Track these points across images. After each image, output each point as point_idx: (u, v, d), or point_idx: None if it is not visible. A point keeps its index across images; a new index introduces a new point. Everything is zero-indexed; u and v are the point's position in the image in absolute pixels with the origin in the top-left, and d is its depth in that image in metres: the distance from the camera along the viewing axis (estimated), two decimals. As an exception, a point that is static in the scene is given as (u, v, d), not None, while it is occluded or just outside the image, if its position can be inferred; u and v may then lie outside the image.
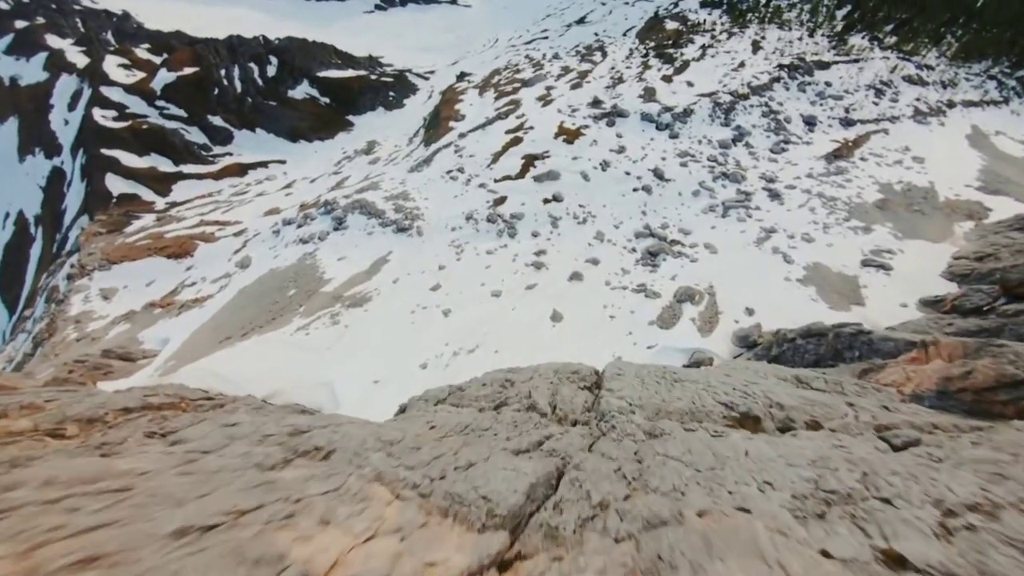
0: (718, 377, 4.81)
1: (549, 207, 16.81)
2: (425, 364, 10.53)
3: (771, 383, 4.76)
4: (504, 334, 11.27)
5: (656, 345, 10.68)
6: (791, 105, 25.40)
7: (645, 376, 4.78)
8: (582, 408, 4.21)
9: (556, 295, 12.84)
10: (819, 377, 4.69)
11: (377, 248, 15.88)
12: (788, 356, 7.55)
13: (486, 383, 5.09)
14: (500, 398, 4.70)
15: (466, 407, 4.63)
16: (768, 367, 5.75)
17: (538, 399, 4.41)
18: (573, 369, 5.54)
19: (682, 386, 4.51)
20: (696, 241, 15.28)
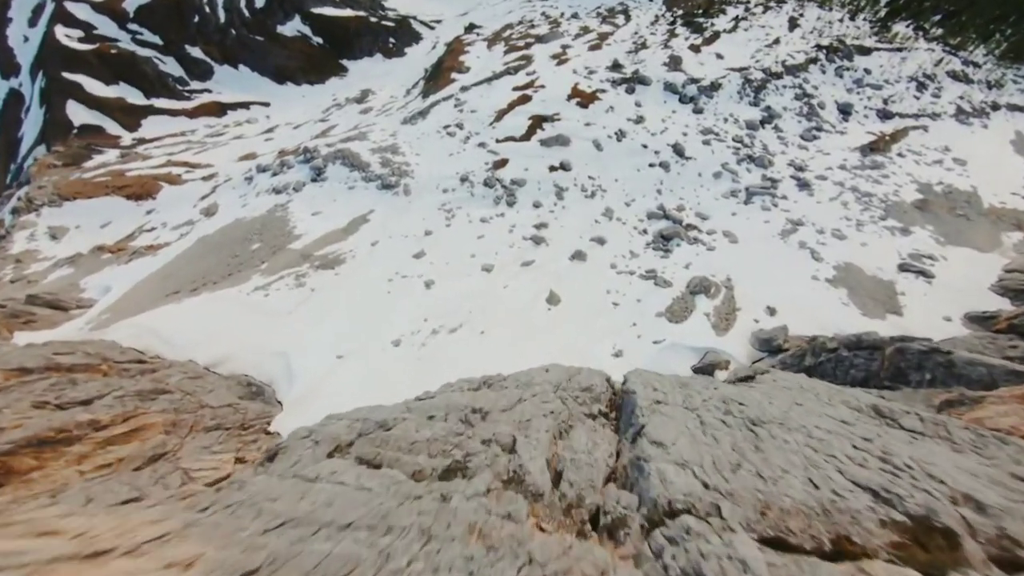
0: (808, 418, 3.43)
1: (555, 176, 15.29)
2: (398, 340, 9.27)
3: (841, 412, 3.57)
4: (493, 313, 10.03)
5: (664, 340, 9.53)
6: (826, 90, 23.71)
7: (700, 407, 3.38)
8: (605, 470, 2.80)
9: (555, 275, 11.56)
10: (909, 413, 3.50)
11: (357, 205, 14.33)
12: (828, 369, 6.42)
13: (438, 412, 3.65)
14: (458, 452, 2.94)
15: (387, 469, 2.80)
16: (821, 386, 4.57)
17: (528, 460, 2.73)
18: (583, 384, 4.25)
19: (770, 436, 2.97)
20: (714, 228, 13.99)
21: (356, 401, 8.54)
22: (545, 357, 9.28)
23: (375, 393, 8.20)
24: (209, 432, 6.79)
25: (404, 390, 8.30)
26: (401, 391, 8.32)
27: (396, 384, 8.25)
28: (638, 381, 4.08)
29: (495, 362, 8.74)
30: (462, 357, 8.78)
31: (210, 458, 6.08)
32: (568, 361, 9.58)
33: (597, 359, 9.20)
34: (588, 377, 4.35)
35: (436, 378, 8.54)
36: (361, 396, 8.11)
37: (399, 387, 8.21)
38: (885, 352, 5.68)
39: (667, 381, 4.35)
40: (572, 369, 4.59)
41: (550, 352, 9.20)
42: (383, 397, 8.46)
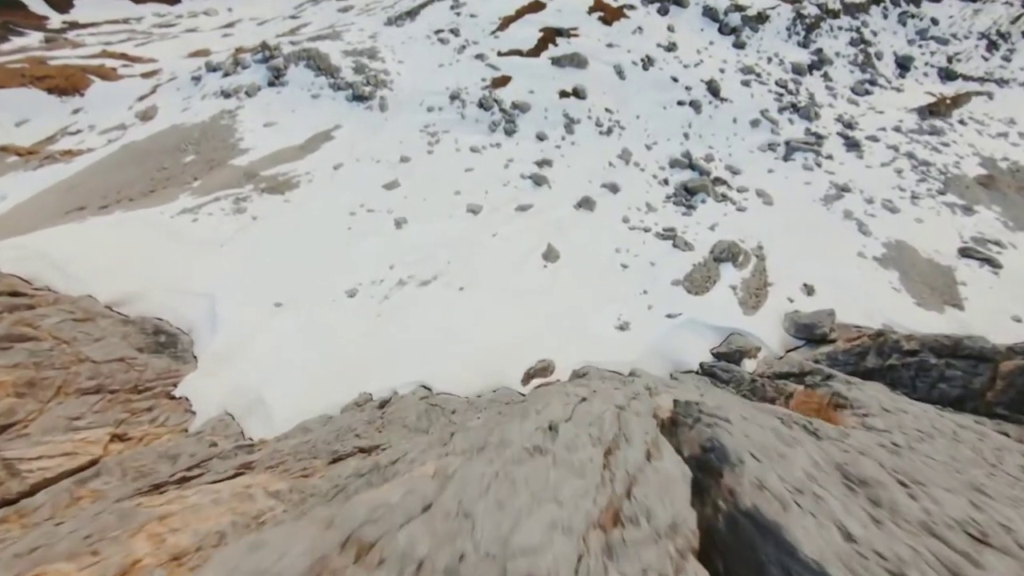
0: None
1: (566, 103, 12.97)
2: (355, 291, 7.58)
3: None
4: (476, 266, 8.34)
5: (680, 315, 8.05)
6: (885, 39, 20.93)
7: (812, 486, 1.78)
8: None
9: (555, 224, 9.77)
10: None
11: (321, 118, 11.96)
12: (903, 378, 5.03)
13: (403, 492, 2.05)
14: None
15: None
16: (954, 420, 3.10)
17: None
18: None
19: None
20: (747, 184, 12.16)
21: (293, 362, 7.00)
22: (534, 324, 7.79)
23: (318, 354, 6.66)
24: (84, 396, 5.24)
25: (354, 353, 6.78)
26: (350, 355, 6.79)
27: (345, 345, 6.68)
28: (688, 384, 2.52)
29: (473, 326, 7.20)
30: (433, 317, 7.19)
31: (67, 437, 4.55)
32: (562, 331, 8.12)
33: (597, 331, 7.73)
34: (638, 387, 2.76)
35: (396, 342, 7.01)
36: (300, 357, 6.57)
37: (348, 349, 6.66)
38: (999, 366, 4.26)
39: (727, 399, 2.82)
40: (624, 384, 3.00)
41: (541, 318, 7.68)
42: (327, 360, 6.96)
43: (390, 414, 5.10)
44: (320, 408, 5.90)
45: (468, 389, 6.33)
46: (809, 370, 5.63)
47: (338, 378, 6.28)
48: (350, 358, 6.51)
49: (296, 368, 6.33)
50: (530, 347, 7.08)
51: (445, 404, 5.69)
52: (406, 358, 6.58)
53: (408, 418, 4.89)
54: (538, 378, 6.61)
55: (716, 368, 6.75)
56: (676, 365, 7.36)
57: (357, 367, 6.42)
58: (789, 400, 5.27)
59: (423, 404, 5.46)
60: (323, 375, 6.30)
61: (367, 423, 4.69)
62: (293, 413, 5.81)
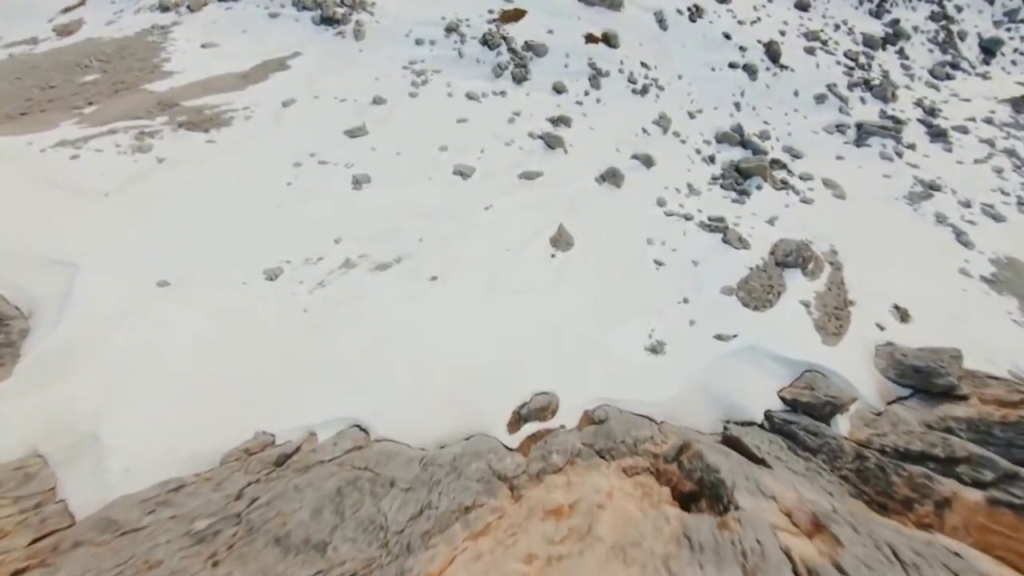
0: None
1: (593, 50, 10.73)
2: (277, 271, 5.51)
3: None
4: (458, 248, 6.28)
5: (735, 337, 6.07)
6: (969, 17, 18.58)
7: None
8: None
9: (570, 201, 7.70)
10: None
11: (278, 43, 9.69)
12: None
13: None
14: None
15: None
16: None
17: None
18: None
19: None
20: (811, 171, 10.08)
21: (163, 375, 4.84)
22: (532, 336, 5.75)
23: (203, 363, 4.64)
24: None
25: (259, 366, 4.76)
26: (252, 368, 4.75)
27: (248, 352, 4.64)
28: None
29: (443, 335, 5.18)
30: (386, 318, 5.16)
31: None
32: (571, 350, 6.07)
33: (620, 352, 5.74)
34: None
35: (326, 353, 4.94)
36: (176, 366, 4.54)
37: (251, 359, 4.63)
38: None
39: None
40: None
41: (542, 329, 5.67)
42: (215, 375, 4.92)
43: (274, 494, 3.12)
44: (187, 455, 3.92)
45: (427, 434, 4.35)
46: (963, 455, 3.68)
47: (228, 405, 4.27)
48: (252, 373, 4.49)
49: (165, 384, 4.31)
50: (524, 371, 5.09)
51: (381, 465, 3.71)
52: (338, 379, 4.58)
53: (298, 513, 2.91)
54: (533, 422, 4.64)
55: (794, 426, 4.80)
56: (730, 411, 5.41)
57: (261, 389, 4.41)
58: (943, 511, 3.34)
59: (342, 471, 3.48)
60: (205, 398, 4.29)
61: (216, 516, 2.71)
62: (144, 464, 3.82)
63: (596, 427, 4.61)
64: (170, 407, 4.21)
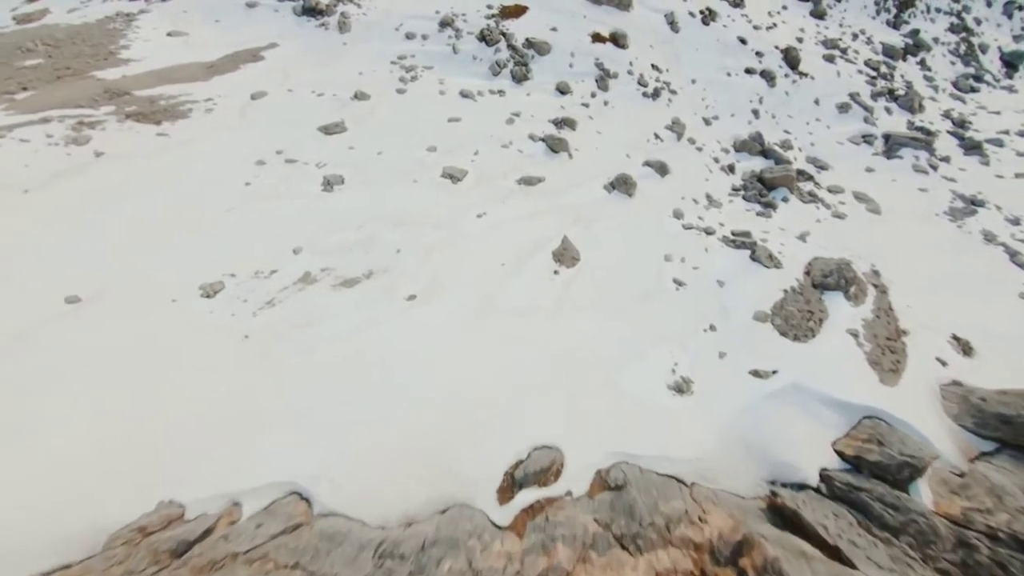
0: None
1: (600, 51, 10.05)
2: (217, 287, 4.56)
3: None
4: (443, 262, 5.37)
5: (775, 373, 5.13)
6: (989, 31, 18.24)
7: None
8: None
9: (575, 211, 6.83)
10: None
11: (253, 33, 8.96)
12: None
13: None
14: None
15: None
16: None
17: None
18: None
19: None
20: (840, 184, 9.31)
21: (44, 419, 3.76)
22: (530, 372, 4.76)
23: (101, 403, 3.67)
24: None
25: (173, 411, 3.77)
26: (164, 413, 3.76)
27: (164, 397, 3.67)
28: None
29: (417, 371, 4.22)
30: (347, 348, 4.20)
31: None
32: (578, 389, 5.06)
33: (638, 392, 4.78)
34: None
35: (264, 394, 3.93)
36: (65, 406, 3.59)
37: (166, 400, 3.65)
38: None
39: None
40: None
41: (542, 363, 4.71)
42: (115, 420, 3.89)
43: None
44: (62, 535, 2.91)
45: (389, 505, 3.35)
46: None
47: (130, 463, 3.28)
48: (166, 419, 3.51)
49: (48, 434, 3.33)
50: (520, 419, 4.12)
51: (320, 559, 2.72)
52: (279, 428, 3.60)
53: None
54: (531, 488, 3.65)
55: (865, 494, 3.82)
56: (775, 469, 4.42)
57: (176, 441, 3.42)
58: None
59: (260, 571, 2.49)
60: (101, 453, 3.31)
61: None
62: None
63: (612, 495, 3.62)
64: (52, 465, 3.21)
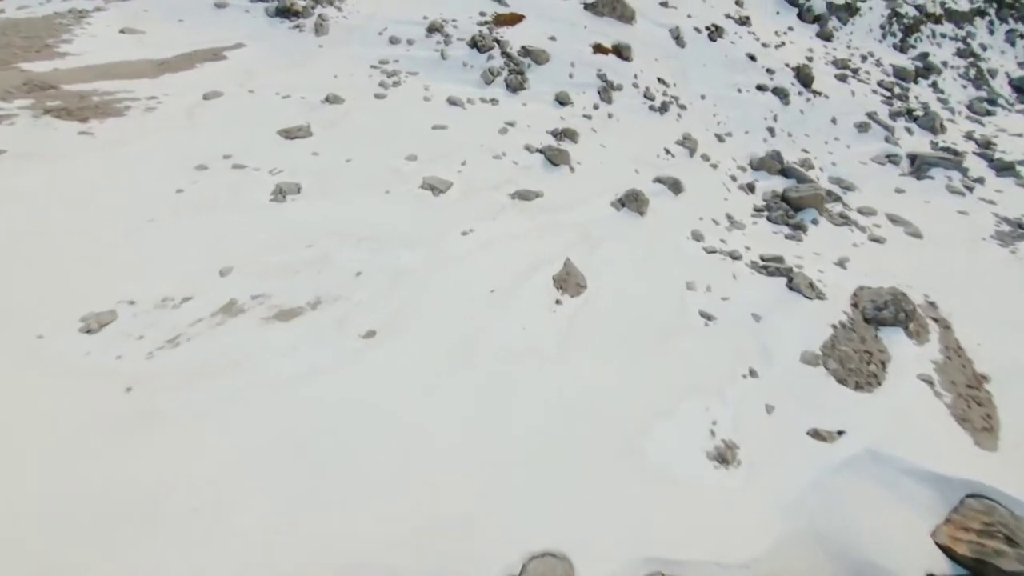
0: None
1: (603, 62, 9.40)
2: (105, 319, 3.43)
3: None
4: (415, 290, 4.33)
5: (842, 435, 4.06)
6: (994, 57, 18.20)
7: None
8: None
9: (580, 229, 5.88)
10: None
11: (220, 33, 8.21)
12: None
13: None
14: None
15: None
16: None
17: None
18: None
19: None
20: (870, 205, 8.51)
21: None
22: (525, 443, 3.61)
23: None
24: None
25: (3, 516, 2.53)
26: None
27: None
28: None
29: (368, 449, 3.08)
30: (266, 410, 3.08)
31: None
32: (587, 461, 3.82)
33: (667, 461, 3.66)
34: None
35: (136, 482, 2.67)
36: None
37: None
38: None
39: None
40: None
41: (540, 426, 3.61)
42: None
43: None
44: None
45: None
46: None
47: None
48: (-28, 525, 2.36)
49: None
50: (511, 512, 2.98)
51: None
52: (149, 528, 2.45)
53: None
54: (525, 627, 2.50)
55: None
56: (863, 573, 3.29)
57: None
58: None
59: None
60: None
61: None
62: None
63: (647, 638, 2.46)
64: None
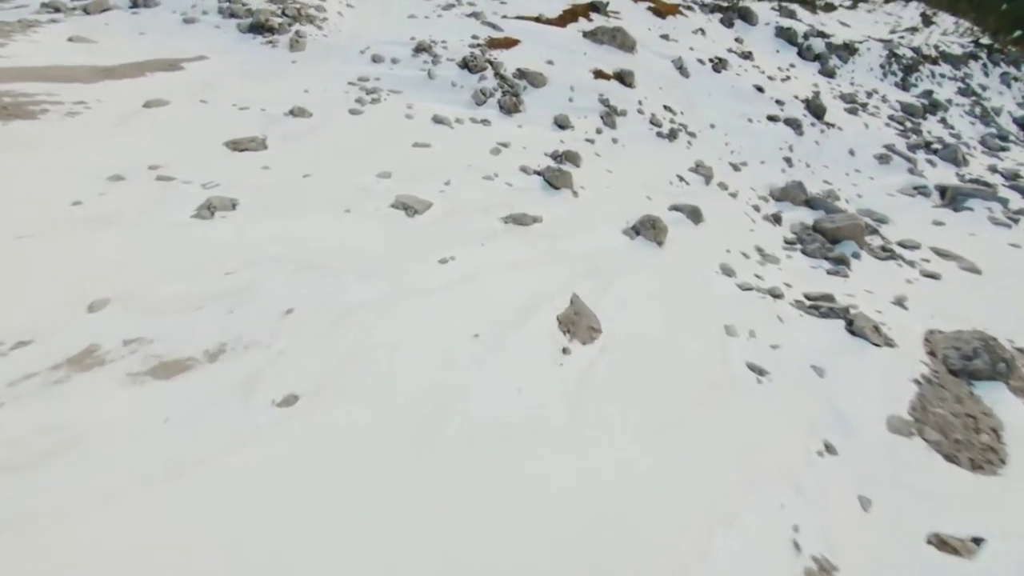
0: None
1: (605, 86, 8.81)
2: None
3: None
4: (367, 336, 3.23)
5: (982, 544, 2.86)
6: (994, 97, 18.28)
7: None
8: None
9: (589, 261, 4.85)
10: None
11: (183, 45, 7.52)
12: None
13: None
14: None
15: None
16: None
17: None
18: None
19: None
20: (912, 239, 7.63)
21: None
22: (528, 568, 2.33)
23: None
24: None
25: None
26: None
27: None
28: None
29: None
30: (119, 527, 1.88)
31: None
32: None
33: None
34: None
35: None
36: None
37: None
38: None
39: None
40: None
41: (543, 553, 2.42)
42: None
43: None
44: None
45: None
46: None
47: None
48: None
49: None
50: None
51: None
52: None
53: None
54: None
55: None
56: None
57: None
58: None
59: None
60: None
61: None
62: None
63: None
64: None
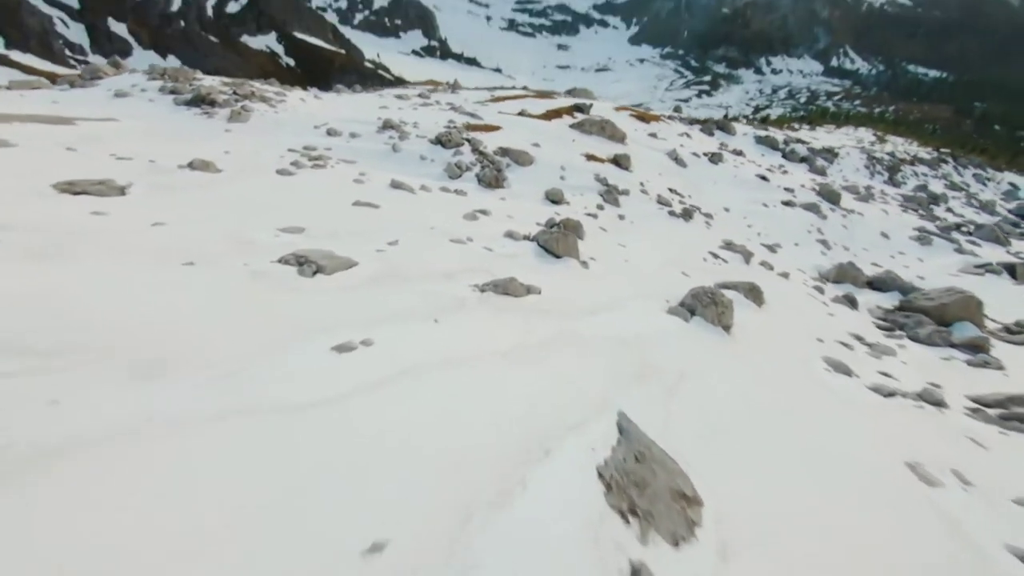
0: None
1: (599, 168, 7.83)
2: None
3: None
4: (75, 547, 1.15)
5: None
6: (979, 192, 18.57)
7: None
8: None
9: (628, 350, 2.93)
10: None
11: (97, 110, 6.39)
12: None
13: None
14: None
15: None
16: None
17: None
18: None
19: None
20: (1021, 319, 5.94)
21: None
22: None
23: None
24: None
25: None
26: None
27: None
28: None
29: None
30: None
31: None
32: None
33: None
34: None
35: None
36: None
37: None
38: None
39: None
40: None
41: None
42: None
43: None
44: None
45: None
46: None
47: None
48: None
49: None
50: None
51: None
52: None
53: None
54: None
55: None
56: None
57: None
58: None
59: None
60: None
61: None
62: None
63: None
64: None
